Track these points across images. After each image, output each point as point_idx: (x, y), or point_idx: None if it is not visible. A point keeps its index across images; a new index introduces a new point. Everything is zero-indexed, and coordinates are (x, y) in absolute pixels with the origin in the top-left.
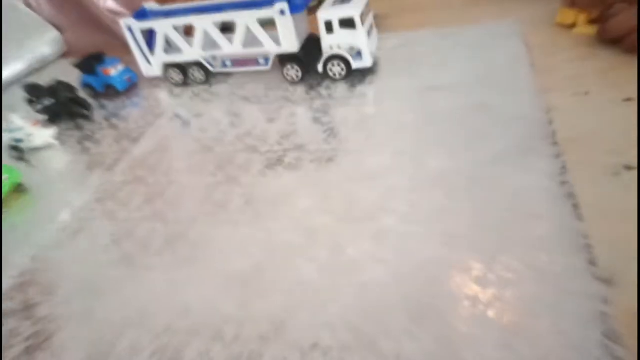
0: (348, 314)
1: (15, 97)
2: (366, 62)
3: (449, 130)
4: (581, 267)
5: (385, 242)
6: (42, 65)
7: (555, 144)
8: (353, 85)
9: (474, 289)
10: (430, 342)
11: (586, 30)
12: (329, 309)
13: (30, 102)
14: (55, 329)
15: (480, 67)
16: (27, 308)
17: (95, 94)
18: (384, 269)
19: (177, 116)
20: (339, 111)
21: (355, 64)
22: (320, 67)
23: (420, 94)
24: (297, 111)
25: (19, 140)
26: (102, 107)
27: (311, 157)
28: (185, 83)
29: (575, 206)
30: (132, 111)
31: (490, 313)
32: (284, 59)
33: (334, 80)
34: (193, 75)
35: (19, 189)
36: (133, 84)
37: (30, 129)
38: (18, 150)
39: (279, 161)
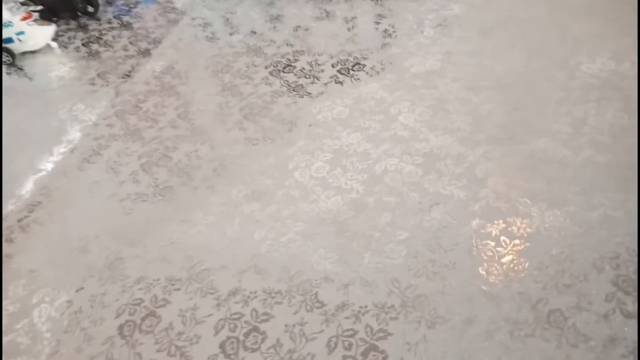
0: None
1: None
2: None
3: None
4: None
5: None
6: None
7: None
8: None
9: None
10: None
11: None
12: None
13: None
14: None
15: None
16: None
17: None
18: None
19: (203, 16)
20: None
21: None
22: None
23: None
24: (359, 6)
25: (8, 40)
26: (109, 2)
27: (371, 69)
28: None
29: None
30: (146, 8)
31: None
32: None
33: None
34: None
35: None
36: None
37: (20, 24)
38: (7, 54)
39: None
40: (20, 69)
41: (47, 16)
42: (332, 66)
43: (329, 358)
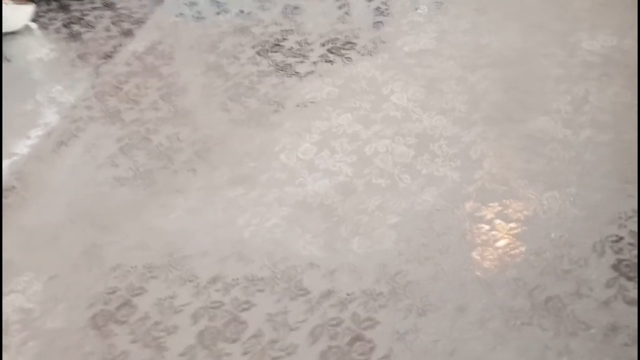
0: None
1: None
2: None
3: None
4: None
5: None
6: None
7: None
8: None
9: None
10: None
11: None
12: None
13: None
14: None
15: None
16: None
17: None
18: None
19: None
20: None
21: None
22: None
23: None
24: None
25: None
26: None
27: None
28: None
29: None
30: None
31: None
32: None
33: None
34: None
35: None
36: None
37: None
38: None
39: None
40: None
41: None
42: (322, 45)
43: (313, 348)
